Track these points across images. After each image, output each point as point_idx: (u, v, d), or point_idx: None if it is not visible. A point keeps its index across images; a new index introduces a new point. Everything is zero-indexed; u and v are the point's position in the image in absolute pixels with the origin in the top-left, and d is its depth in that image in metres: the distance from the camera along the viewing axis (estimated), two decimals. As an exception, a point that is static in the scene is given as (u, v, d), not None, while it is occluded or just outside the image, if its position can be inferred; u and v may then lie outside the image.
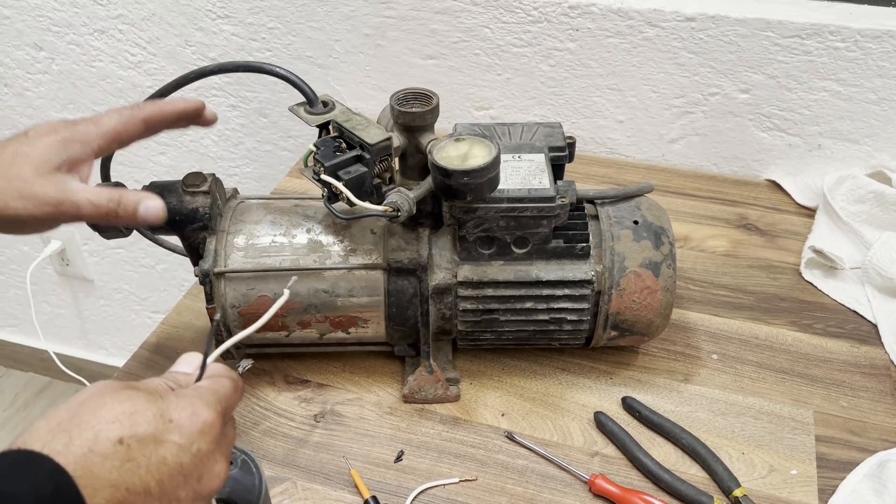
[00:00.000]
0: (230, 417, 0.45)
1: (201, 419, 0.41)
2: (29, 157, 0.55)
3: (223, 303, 0.67)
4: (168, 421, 0.40)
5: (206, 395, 0.43)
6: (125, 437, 0.38)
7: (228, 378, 0.46)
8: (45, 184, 0.54)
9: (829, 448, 0.68)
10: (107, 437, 0.37)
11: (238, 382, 0.46)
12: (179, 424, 0.40)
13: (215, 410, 0.42)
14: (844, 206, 0.92)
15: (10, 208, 0.54)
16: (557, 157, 0.70)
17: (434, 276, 0.67)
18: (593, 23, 0.98)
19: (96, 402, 0.39)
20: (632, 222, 0.69)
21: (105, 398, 0.39)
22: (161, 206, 0.57)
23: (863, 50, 0.91)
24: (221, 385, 0.44)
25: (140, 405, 0.39)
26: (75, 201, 0.55)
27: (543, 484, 0.65)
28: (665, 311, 0.69)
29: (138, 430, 0.38)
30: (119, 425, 0.38)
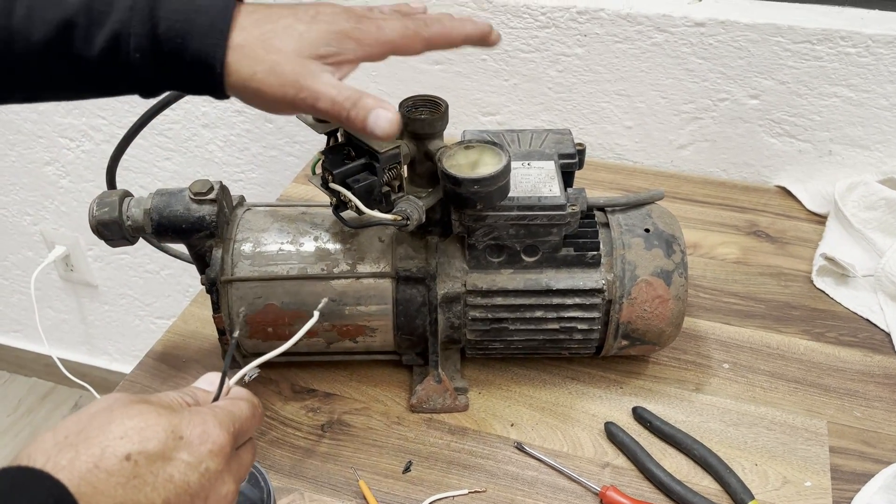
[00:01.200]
0: (248, 441, 0.45)
1: (212, 438, 0.40)
2: (298, 36, 0.52)
3: (230, 311, 0.66)
4: (178, 438, 0.39)
5: (220, 414, 0.42)
6: (133, 454, 0.37)
7: (247, 401, 0.45)
8: (299, 66, 0.51)
9: (844, 459, 0.67)
10: (114, 452, 0.37)
11: (258, 408, 0.46)
12: (189, 442, 0.39)
13: (227, 431, 0.41)
14: (856, 213, 0.91)
15: (257, 80, 0.51)
16: (567, 164, 0.69)
17: (443, 285, 0.67)
18: (601, 28, 0.98)
19: (105, 417, 0.38)
20: (643, 230, 0.68)
21: (115, 412, 0.38)
22: (394, 119, 0.51)
23: (874, 55, 0.90)
24: (238, 407, 0.44)
25: (151, 420, 0.38)
26: (317, 92, 0.51)
27: (554, 495, 0.64)
28: (676, 321, 0.68)
29: (147, 446, 0.38)
30: (127, 441, 0.37)
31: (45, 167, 1.44)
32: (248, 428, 0.44)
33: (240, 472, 0.43)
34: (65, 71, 0.51)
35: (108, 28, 0.49)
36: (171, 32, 0.50)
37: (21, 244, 1.62)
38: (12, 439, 1.79)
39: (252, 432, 0.45)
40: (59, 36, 0.49)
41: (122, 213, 0.64)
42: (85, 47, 0.50)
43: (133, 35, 0.49)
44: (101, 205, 0.64)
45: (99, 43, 0.49)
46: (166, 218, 0.65)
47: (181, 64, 0.50)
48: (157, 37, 0.50)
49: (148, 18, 0.49)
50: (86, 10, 0.49)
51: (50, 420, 1.84)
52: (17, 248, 1.63)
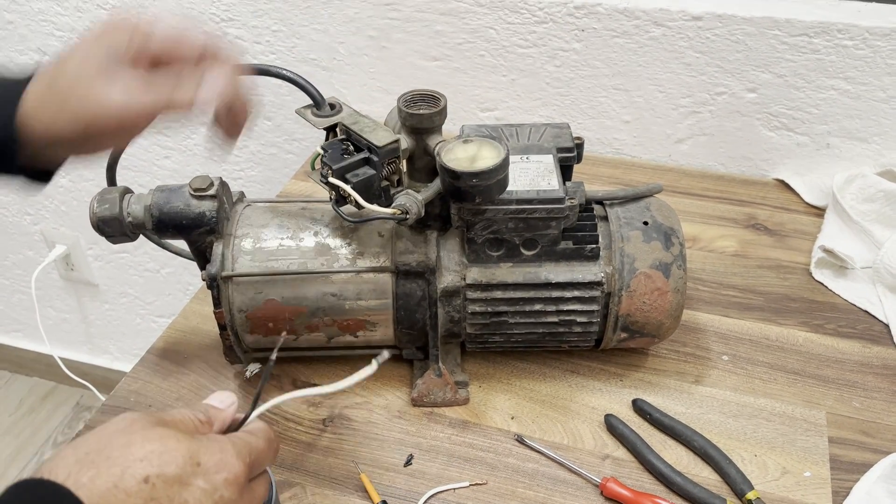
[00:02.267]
0: (262, 474, 0.45)
1: (228, 467, 0.41)
2: None
3: (230, 307, 0.67)
4: (196, 464, 0.40)
5: (238, 444, 0.43)
6: (151, 476, 0.38)
7: (264, 435, 0.46)
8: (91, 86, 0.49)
9: (843, 450, 0.67)
10: (133, 474, 0.38)
11: (274, 442, 0.46)
12: (206, 469, 0.40)
13: (244, 462, 0.42)
14: (854, 206, 0.91)
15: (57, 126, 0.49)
16: (566, 158, 0.70)
17: (442, 279, 0.67)
18: (599, 23, 0.98)
19: (126, 438, 0.39)
20: (642, 223, 0.68)
21: (135, 435, 0.40)
22: None
23: (871, 48, 0.90)
24: (256, 439, 0.45)
25: (170, 445, 0.40)
26: None
27: (554, 487, 0.64)
28: (675, 313, 0.69)
29: (166, 469, 0.39)
30: (147, 464, 0.38)
31: (45, 167, 1.44)
32: (264, 460, 0.45)
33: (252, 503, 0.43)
34: None
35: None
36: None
37: (21, 244, 1.62)
38: (14, 439, 1.80)
39: (267, 464, 0.46)
40: None
41: (122, 209, 0.65)
42: None
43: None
44: (101, 201, 0.65)
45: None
46: (167, 214, 0.65)
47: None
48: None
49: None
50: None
51: (52, 419, 1.84)
52: (18, 247, 1.63)
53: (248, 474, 0.42)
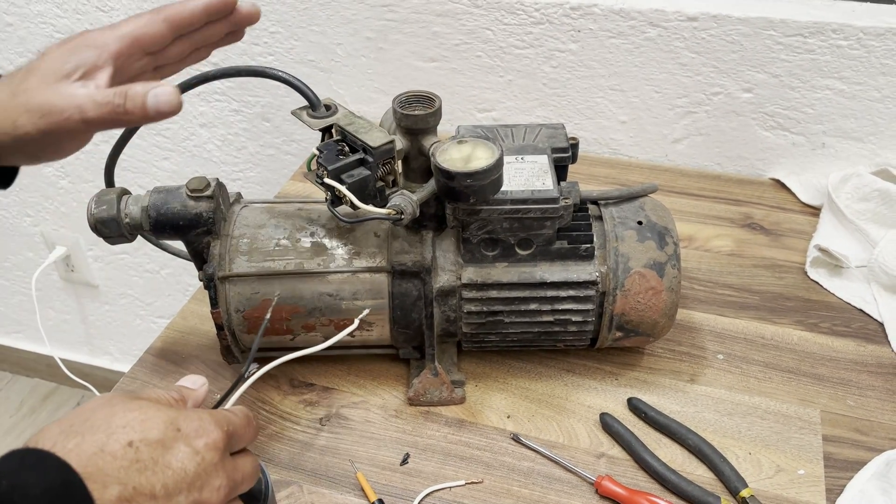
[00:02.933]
0: (246, 452, 0.47)
1: (207, 433, 0.42)
2: (37, 70, 0.52)
3: (228, 307, 0.67)
4: (177, 430, 0.41)
5: (215, 414, 0.44)
6: (135, 441, 0.40)
7: (242, 412, 0.47)
8: (49, 93, 0.50)
9: (837, 448, 0.68)
10: (117, 439, 0.39)
11: (252, 420, 0.48)
12: (187, 434, 0.42)
13: (222, 429, 0.43)
14: (849, 205, 0.91)
15: (19, 126, 0.50)
16: (560, 158, 0.70)
17: (438, 279, 0.67)
18: (595, 24, 0.98)
19: (108, 410, 0.41)
20: (636, 223, 0.69)
21: (116, 407, 0.41)
22: (173, 92, 0.51)
23: (866, 48, 0.90)
24: (233, 412, 0.46)
25: (150, 413, 0.41)
26: (78, 105, 0.50)
27: (549, 486, 0.65)
28: (670, 312, 0.69)
29: (148, 434, 0.40)
30: (130, 430, 0.40)
31: (45, 168, 1.45)
32: (242, 434, 0.46)
33: (234, 475, 0.44)
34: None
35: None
36: None
37: (21, 245, 1.62)
38: (15, 440, 1.80)
39: (247, 441, 0.47)
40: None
41: (120, 210, 0.65)
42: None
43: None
44: (99, 203, 0.65)
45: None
46: (164, 215, 0.65)
47: None
48: None
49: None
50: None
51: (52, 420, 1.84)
52: (18, 249, 1.64)
53: (227, 441, 0.44)
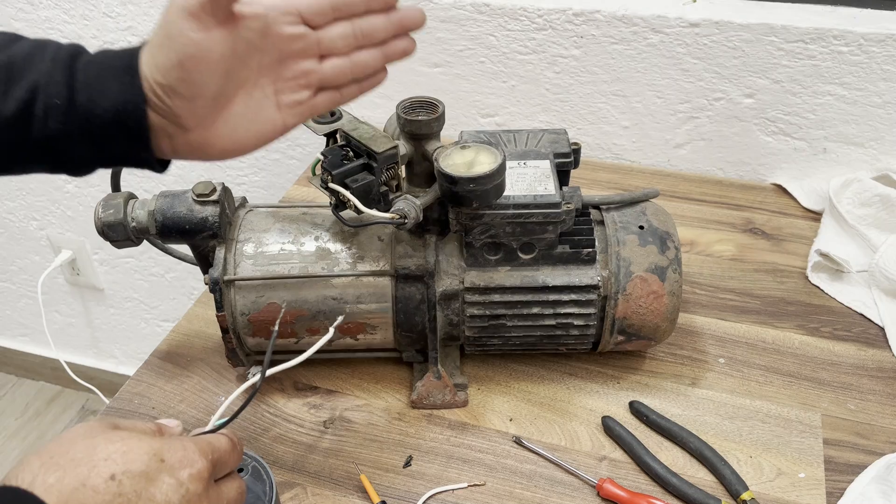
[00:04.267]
0: (231, 476, 0.46)
1: (191, 463, 0.41)
2: None
3: (233, 310, 0.68)
4: (160, 461, 0.40)
5: (200, 442, 0.43)
6: (117, 474, 0.39)
7: (226, 437, 0.46)
8: None
9: (838, 451, 0.68)
10: (99, 473, 0.38)
11: (238, 445, 0.47)
12: (171, 465, 0.41)
13: (206, 458, 0.43)
14: (850, 210, 0.92)
15: None
16: (563, 163, 0.71)
17: (441, 283, 0.68)
18: (598, 29, 0.99)
19: (89, 443, 0.40)
20: (637, 227, 0.69)
21: (97, 439, 0.40)
22: None
23: (867, 54, 0.91)
24: (217, 439, 0.45)
25: (133, 444, 0.40)
26: None
27: (552, 488, 0.65)
28: (671, 316, 0.70)
29: (131, 467, 0.39)
30: (112, 462, 0.39)
31: (51, 172, 1.46)
32: (227, 460, 0.45)
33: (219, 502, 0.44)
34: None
35: (26, 82, 0.49)
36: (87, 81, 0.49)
37: (28, 249, 1.63)
38: (20, 443, 1.81)
39: (232, 466, 0.46)
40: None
41: (126, 214, 0.66)
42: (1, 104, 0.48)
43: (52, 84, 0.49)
44: (106, 207, 0.66)
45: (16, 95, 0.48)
46: (170, 219, 0.66)
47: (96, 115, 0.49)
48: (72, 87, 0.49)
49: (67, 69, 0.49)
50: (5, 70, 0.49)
51: (57, 423, 1.85)
52: (24, 252, 1.65)
53: (211, 471, 0.43)
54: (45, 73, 0.48)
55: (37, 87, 0.48)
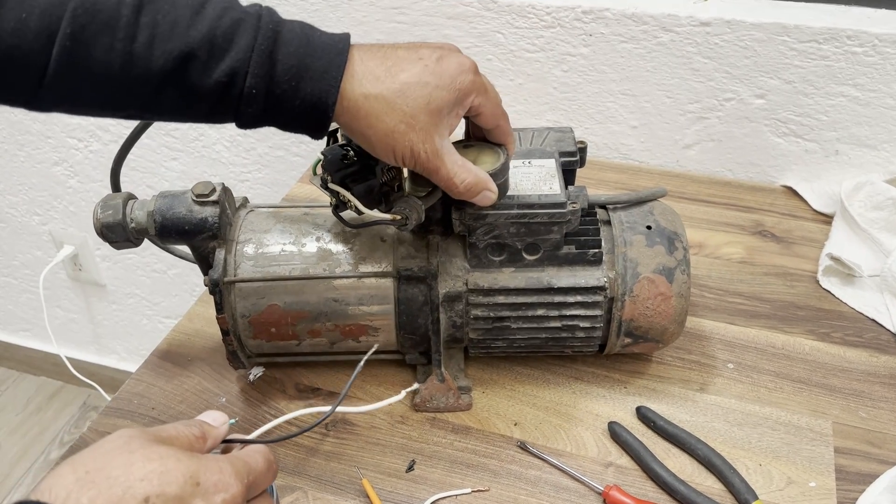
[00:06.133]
0: (262, 495, 0.46)
1: (226, 487, 0.41)
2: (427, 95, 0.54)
3: (233, 312, 0.67)
4: (195, 484, 0.40)
5: (237, 464, 0.43)
6: (152, 496, 0.38)
7: (264, 457, 0.46)
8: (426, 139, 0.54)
9: (849, 460, 0.67)
10: (133, 494, 0.38)
11: (273, 465, 0.46)
12: (205, 490, 0.40)
13: (242, 482, 0.42)
14: (862, 213, 0.90)
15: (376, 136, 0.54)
16: (568, 162, 0.69)
17: (444, 284, 0.67)
18: (607, 28, 0.97)
19: (126, 458, 0.39)
20: (644, 227, 0.68)
21: (136, 454, 0.40)
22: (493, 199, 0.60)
23: (881, 54, 0.89)
24: (254, 460, 0.45)
25: (170, 465, 0.40)
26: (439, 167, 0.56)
27: (557, 495, 0.64)
28: (679, 318, 0.68)
29: (166, 489, 0.39)
30: (147, 483, 0.38)
31: (54, 167, 1.45)
32: (262, 482, 0.45)
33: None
34: (176, 97, 0.52)
35: (226, 63, 0.51)
36: (287, 75, 0.52)
37: (30, 244, 1.63)
38: (21, 438, 1.80)
39: (266, 486, 0.46)
40: (177, 66, 0.50)
41: (125, 215, 0.64)
42: (201, 79, 0.51)
43: (251, 74, 0.51)
44: (104, 207, 0.64)
45: (216, 76, 0.51)
46: (169, 220, 0.64)
47: (291, 104, 0.52)
48: (272, 77, 0.51)
49: (266, 59, 0.51)
50: (208, 45, 0.50)
51: (59, 419, 1.85)
52: (26, 247, 1.64)
53: (245, 495, 0.43)
54: (246, 59, 0.51)
55: (236, 72, 0.51)
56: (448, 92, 0.54)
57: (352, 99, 0.52)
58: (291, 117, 0.53)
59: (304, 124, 0.54)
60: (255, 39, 0.51)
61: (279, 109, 0.53)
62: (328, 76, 0.52)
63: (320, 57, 0.52)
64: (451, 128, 0.56)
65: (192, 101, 0.52)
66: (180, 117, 0.55)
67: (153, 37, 0.50)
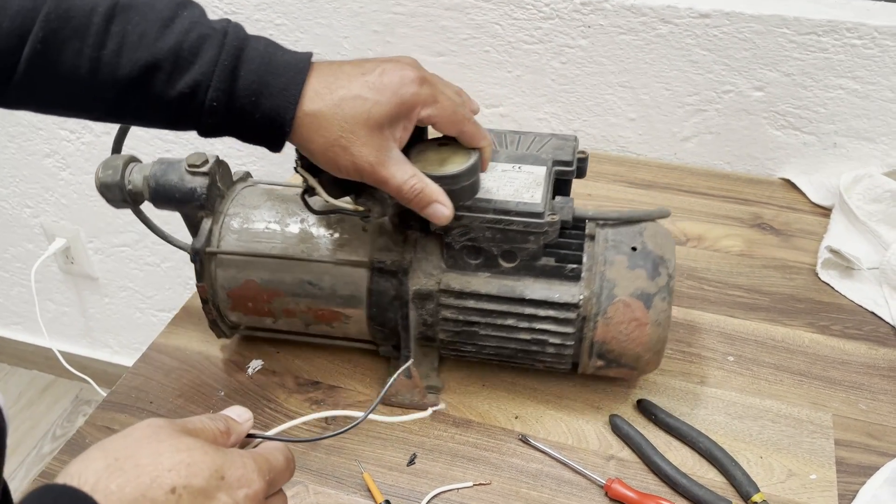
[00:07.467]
0: (279, 493, 0.46)
1: (249, 483, 0.41)
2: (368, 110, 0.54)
3: (213, 282, 0.68)
4: (220, 478, 0.40)
5: (259, 460, 0.43)
6: (178, 487, 0.38)
7: (283, 455, 0.46)
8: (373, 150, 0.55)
9: (849, 452, 0.67)
10: (161, 484, 0.38)
11: (292, 462, 0.47)
12: (229, 484, 0.40)
13: (264, 479, 0.43)
14: (861, 206, 0.90)
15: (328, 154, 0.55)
16: (562, 171, 0.67)
17: (416, 281, 0.66)
18: (605, 19, 0.97)
19: (155, 447, 0.39)
20: (630, 248, 0.64)
21: (164, 444, 0.40)
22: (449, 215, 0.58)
23: (880, 47, 0.89)
24: (275, 457, 0.45)
25: (198, 457, 0.40)
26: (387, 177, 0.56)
27: (558, 488, 0.64)
28: (656, 347, 0.64)
29: (193, 481, 0.39)
30: (175, 474, 0.39)
31: (45, 159, 1.44)
32: (281, 479, 0.46)
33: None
34: (140, 104, 0.54)
35: (190, 76, 0.53)
36: (247, 91, 0.53)
37: (21, 236, 1.61)
38: (13, 432, 1.79)
39: (284, 483, 0.46)
40: (143, 75, 0.52)
41: (124, 177, 0.67)
42: (164, 89, 0.53)
43: (213, 88, 0.53)
44: (105, 167, 0.67)
45: (179, 87, 0.53)
46: (161, 186, 0.67)
47: (251, 119, 0.54)
48: (233, 92, 0.53)
49: (229, 74, 0.53)
50: (173, 57, 0.52)
51: (51, 413, 1.84)
52: (18, 240, 1.63)
53: (266, 491, 0.43)
54: (209, 73, 0.53)
55: (199, 84, 0.53)
56: (388, 106, 0.54)
57: (298, 116, 0.54)
58: (250, 131, 0.55)
59: (262, 138, 0.56)
60: (220, 55, 0.53)
61: (239, 123, 0.55)
62: (287, 94, 0.53)
63: (281, 75, 0.54)
64: (399, 140, 0.56)
65: (155, 109, 0.55)
66: (144, 122, 0.57)
67: (122, 45, 0.52)
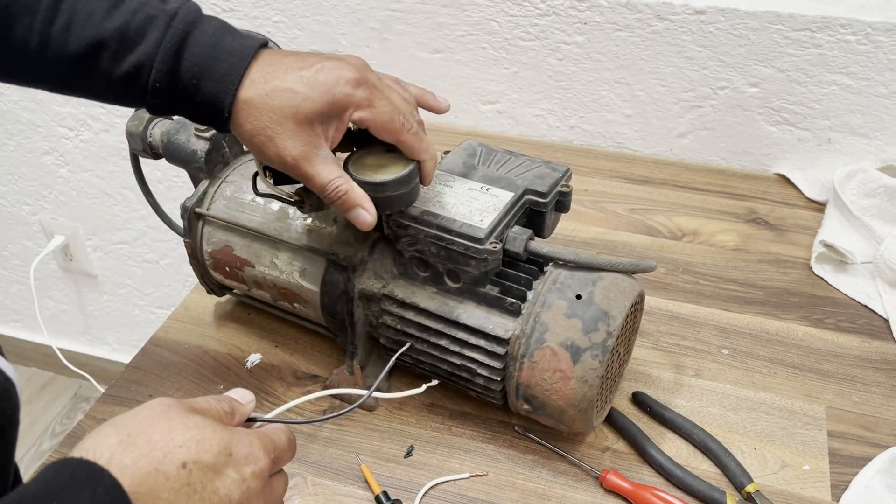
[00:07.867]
0: (281, 472, 0.47)
1: (255, 460, 0.42)
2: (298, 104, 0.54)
3: (199, 241, 0.72)
4: (228, 455, 0.41)
5: (264, 439, 0.44)
6: (189, 462, 0.39)
7: (286, 435, 0.47)
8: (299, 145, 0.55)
9: (842, 443, 0.68)
10: (173, 459, 0.39)
11: (294, 443, 0.48)
12: (237, 460, 0.41)
13: (269, 457, 0.44)
14: (855, 201, 0.91)
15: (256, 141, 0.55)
16: (535, 202, 0.65)
17: (364, 281, 0.66)
18: (601, 16, 0.98)
19: (166, 424, 0.40)
20: (574, 295, 0.61)
21: (175, 421, 0.41)
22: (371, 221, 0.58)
23: (874, 43, 0.90)
24: (279, 437, 0.46)
25: (207, 434, 0.41)
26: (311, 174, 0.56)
27: (554, 479, 0.65)
28: (581, 405, 0.60)
29: (203, 457, 0.40)
30: (186, 450, 0.39)
31: (44, 157, 1.44)
32: (284, 458, 0.47)
33: (271, 499, 0.45)
34: (87, 80, 0.56)
35: (134, 56, 0.54)
36: (189, 73, 0.54)
37: (20, 234, 1.62)
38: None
39: (286, 463, 0.47)
40: (89, 52, 0.54)
41: (147, 129, 0.73)
42: (110, 67, 0.55)
43: (155, 69, 0.54)
44: (133, 118, 0.73)
45: (123, 67, 0.54)
46: (171, 143, 0.72)
47: (192, 101, 0.55)
48: (176, 73, 0.54)
49: (172, 56, 0.54)
50: (119, 37, 0.54)
51: (50, 410, 1.84)
52: (17, 238, 1.63)
53: (271, 469, 0.44)
54: (152, 55, 0.54)
55: (142, 65, 0.54)
56: (319, 103, 0.54)
57: (236, 102, 0.55)
58: (194, 112, 0.57)
59: (206, 119, 0.57)
60: (164, 37, 0.54)
61: (183, 103, 0.56)
62: (227, 79, 0.54)
63: (224, 60, 0.54)
64: (331, 139, 0.56)
65: (102, 86, 0.56)
66: (93, 97, 0.59)
67: (70, 22, 0.54)
